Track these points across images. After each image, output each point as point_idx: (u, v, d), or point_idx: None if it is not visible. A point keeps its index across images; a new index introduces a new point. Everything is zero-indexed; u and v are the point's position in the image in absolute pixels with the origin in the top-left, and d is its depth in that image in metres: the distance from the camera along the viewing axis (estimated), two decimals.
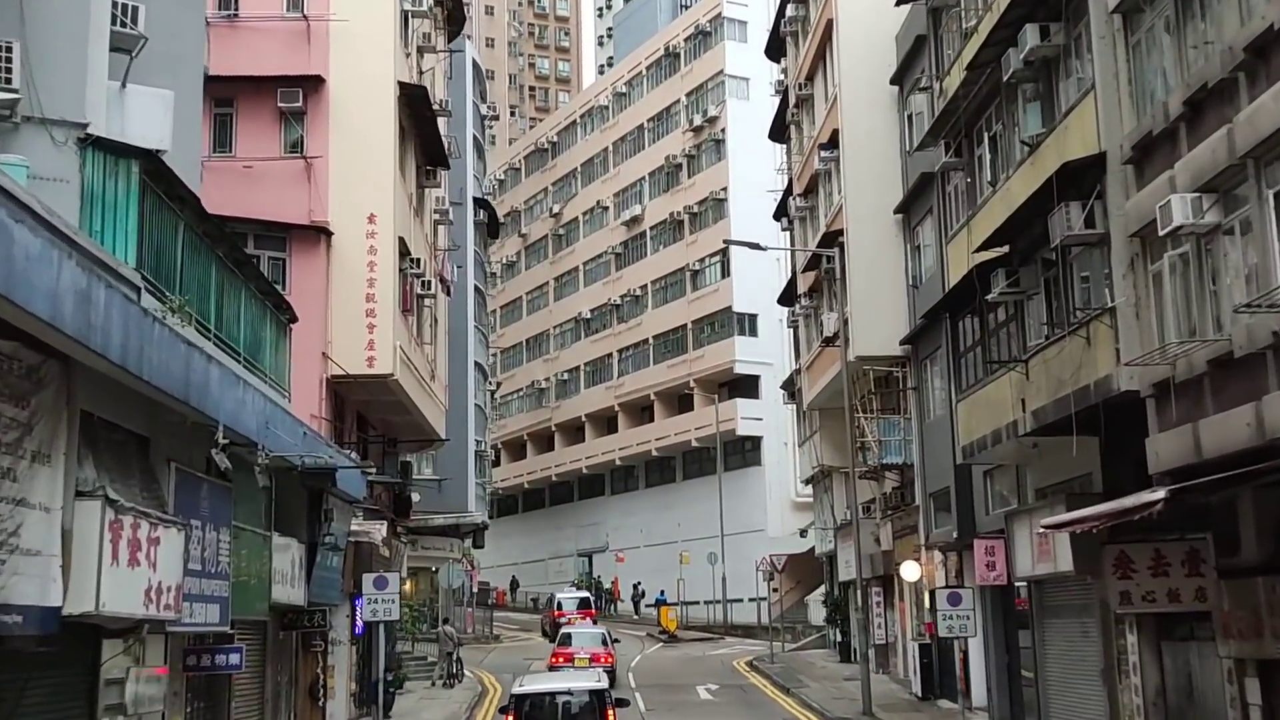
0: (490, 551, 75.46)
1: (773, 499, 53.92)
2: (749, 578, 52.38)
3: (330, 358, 23.87)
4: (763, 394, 54.85)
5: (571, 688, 17.03)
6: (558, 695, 16.62)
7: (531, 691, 16.61)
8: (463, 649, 38.92)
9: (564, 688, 17.11)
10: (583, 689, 16.76)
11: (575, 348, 66.93)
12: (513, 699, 16.47)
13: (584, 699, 16.44)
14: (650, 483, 62.11)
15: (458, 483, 43.59)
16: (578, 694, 16.65)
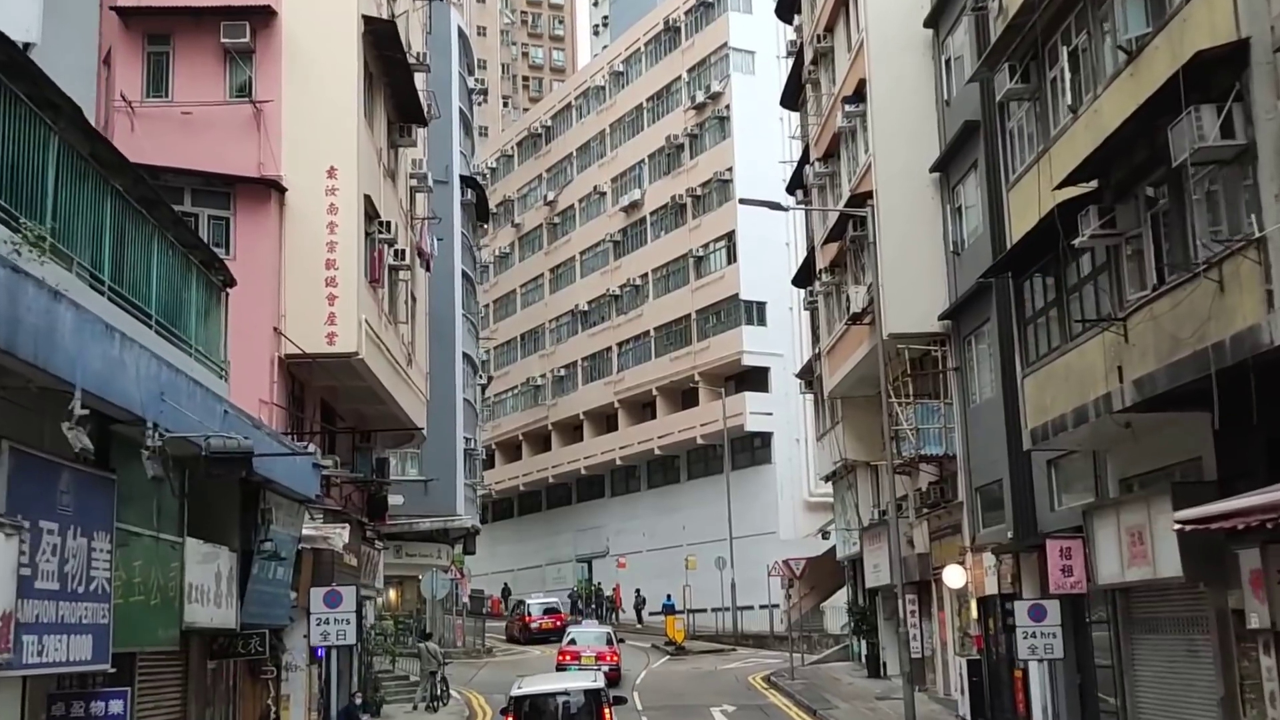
0: (484, 558, 71.97)
1: (784, 499, 50.51)
2: (760, 583, 48.98)
3: (283, 334, 20.47)
4: (773, 387, 51.46)
5: (569, 688, 17.68)
6: (556, 695, 17.22)
7: (530, 693, 17.09)
8: (451, 666, 35.50)
9: (561, 688, 17.76)
10: (579, 689, 17.38)
11: (572, 342, 63.51)
12: (512, 700, 16.86)
13: (581, 699, 16.99)
14: (653, 484, 58.67)
15: (445, 484, 40.20)
16: (575, 694, 17.20)
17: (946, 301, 25.67)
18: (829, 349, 32.20)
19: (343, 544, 18.83)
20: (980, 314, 24.04)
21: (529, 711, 16.81)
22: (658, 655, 40.30)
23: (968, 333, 25.00)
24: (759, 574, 49.04)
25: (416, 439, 29.69)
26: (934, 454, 25.71)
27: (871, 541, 30.93)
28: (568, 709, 16.99)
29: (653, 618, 54.76)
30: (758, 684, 32.09)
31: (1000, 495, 23.36)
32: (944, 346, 26.07)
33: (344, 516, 20.29)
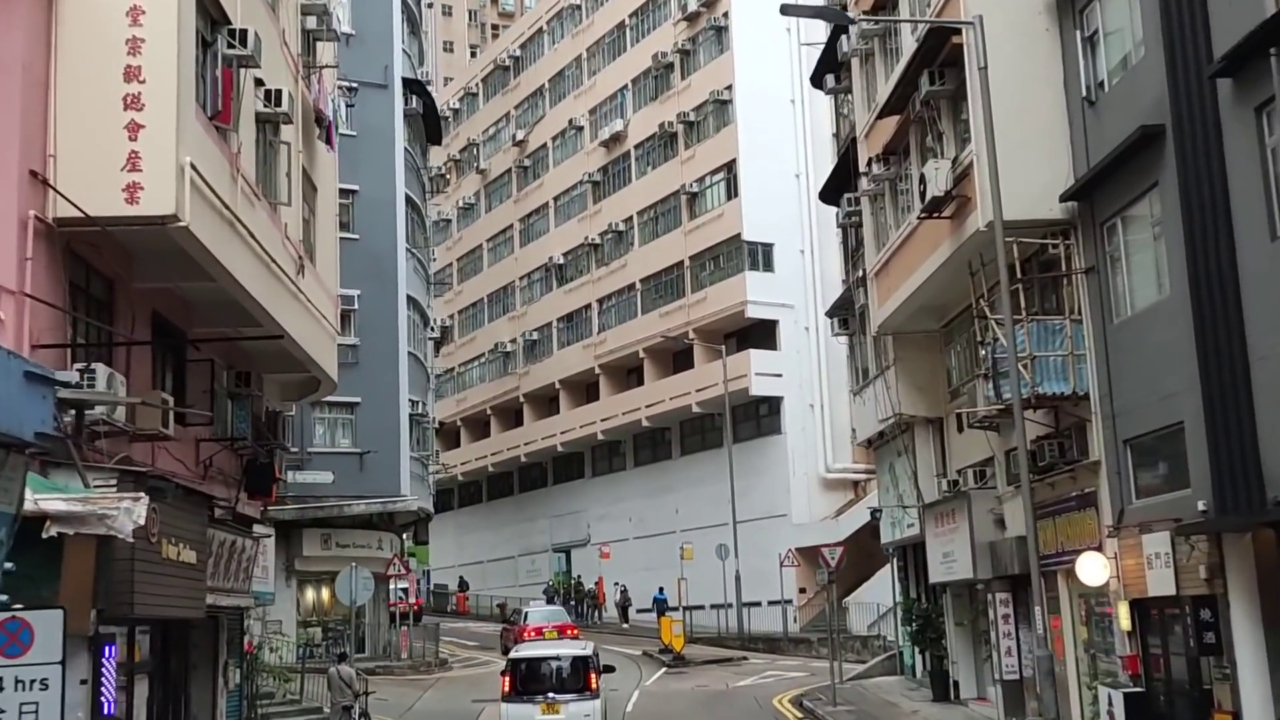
0: (448, 549, 64.11)
1: (797, 476, 42.72)
2: (769, 576, 41.35)
3: (50, 183, 12.46)
4: (782, 343, 43.63)
5: (560, 653, 20.68)
6: (549, 659, 20.15)
7: (527, 656, 20.35)
8: (388, 687, 27.67)
9: (554, 653, 20.80)
10: (570, 655, 20.32)
11: (546, 301, 55.54)
12: (509, 662, 20.06)
13: (571, 663, 19.78)
14: (640, 461, 50.76)
15: (386, 458, 32.34)
16: (566, 659, 20.05)
17: (1070, 175, 17.88)
18: (879, 268, 24.34)
19: (134, 525, 10.86)
20: (1134, 183, 16.26)
21: (525, 672, 19.49)
22: (652, 667, 32.48)
23: (1109, 215, 17.18)
24: (768, 565, 41.46)
25: (323, 388, 21.69)
26: (1057, 393, 17.84)
27: (939, 523, 23.13)
28: (560, 672, 19.58)
29: (642, 616, 47.03)
30: (788, 711, 24.34)
31: (1172, 450, 15.63)
32: (1066, 239, 18.24)
33: (154, 483, 12.37)
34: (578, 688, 19.36)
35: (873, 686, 26.51)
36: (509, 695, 19.31)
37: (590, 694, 19.30)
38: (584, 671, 19.45)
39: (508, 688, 19.36)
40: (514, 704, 19.21)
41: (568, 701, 19.07)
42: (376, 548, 33.10)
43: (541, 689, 19.24)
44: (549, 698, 19.04)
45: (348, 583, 22.52)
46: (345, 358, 32.44)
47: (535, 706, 19.04)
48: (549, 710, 19.02)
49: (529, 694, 19.17)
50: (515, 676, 19.37)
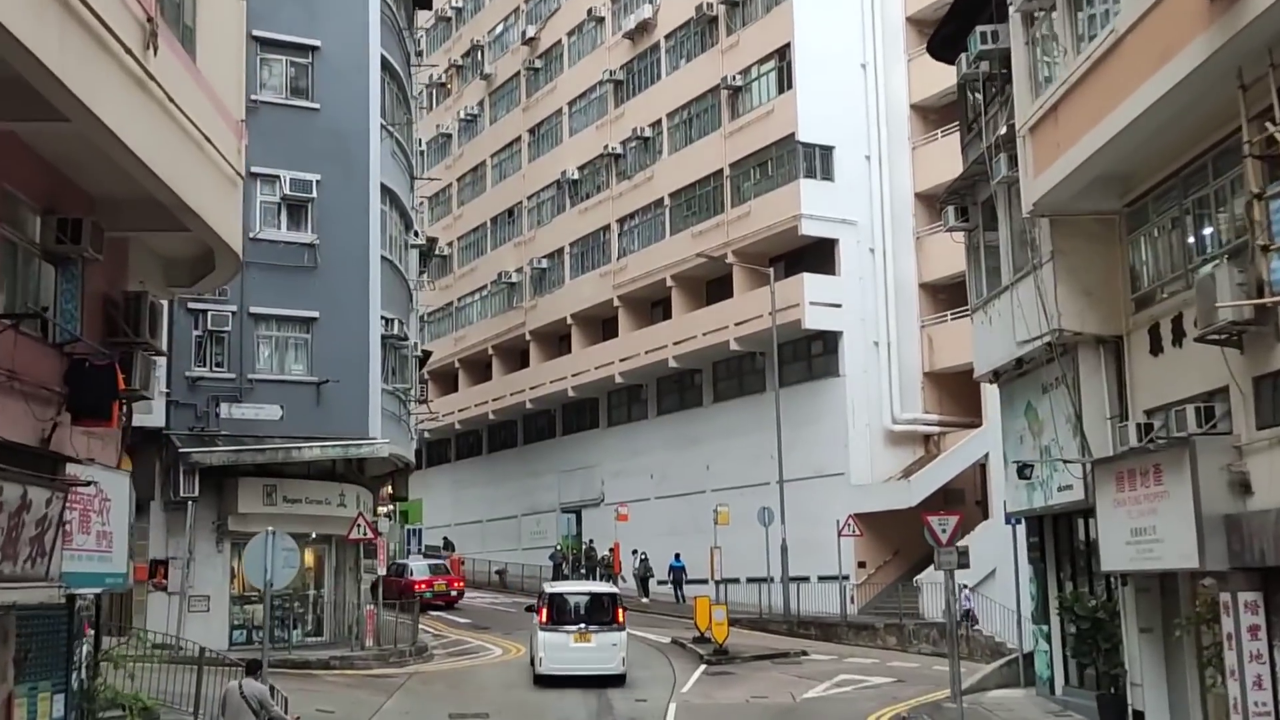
0: (443, 507, 57.17)
1: (857, 428, 35.44)
2: (821, 547, 34.32)
3: None
4: (842, 267, 36.21)
5: (591, 590, 24.23)
6: (580, 595, 23.39)
7: (560, 591, 23.43)
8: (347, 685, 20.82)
9: (585, 590, 24.34)
10: (600, 592, 23.81)
11: (557, 223, 48.14)
12: (544, 595, 22.88)
13: (600, 600, 22.95)
14: (665, 408, 43.51)
15: (352, 391, 25.12)
16: (595, 596, 23.28)
17: None
18: (1039, 118, 16.83)
19: None
20: None
21: (560, 606, 22.52)
22: (687, 662, 25.34)
23: None
24: (819, 533, 34.40)
25: (222, 268, 14.28)
26: None
27: (1126, 485, 15.77)
28: (591, 606, 22.68)
29: (661, 590, 40.08)
30: None
31: None
32: None
33: None
34: (606, 620, 22.36)
35: (998, 705, 19.31)
36: (545, 625, 22.18)
37: (617, 626, 22.39)
38: (612, 607, 22.58)
39: (544, 618, 22.18)
40: (550, 632, 22.05)
41: (598, 631, 22.12)
42: (338, 504, 25.98)
43: (574, 620, 22.21)
44: (581, 628, 22.13)
45: (260, 555, 15.26)
46: (300, 259, 25.26)
47: (569, 635, 22.02)
48: (581, 639, 22.05)
49: (564, 624, 22.14)
50: (551, 609, 22.21)
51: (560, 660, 21.86)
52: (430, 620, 34.11)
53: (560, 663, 21.85)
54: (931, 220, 37.13)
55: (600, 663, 21.89)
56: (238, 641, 24.36)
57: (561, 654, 21.89)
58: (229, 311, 24.51)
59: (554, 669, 21.78)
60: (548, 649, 21.99)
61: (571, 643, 21.88)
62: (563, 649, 21.94)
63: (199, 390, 24.30)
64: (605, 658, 21.98)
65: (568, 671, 21.69)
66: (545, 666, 21.91)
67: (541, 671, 21.95)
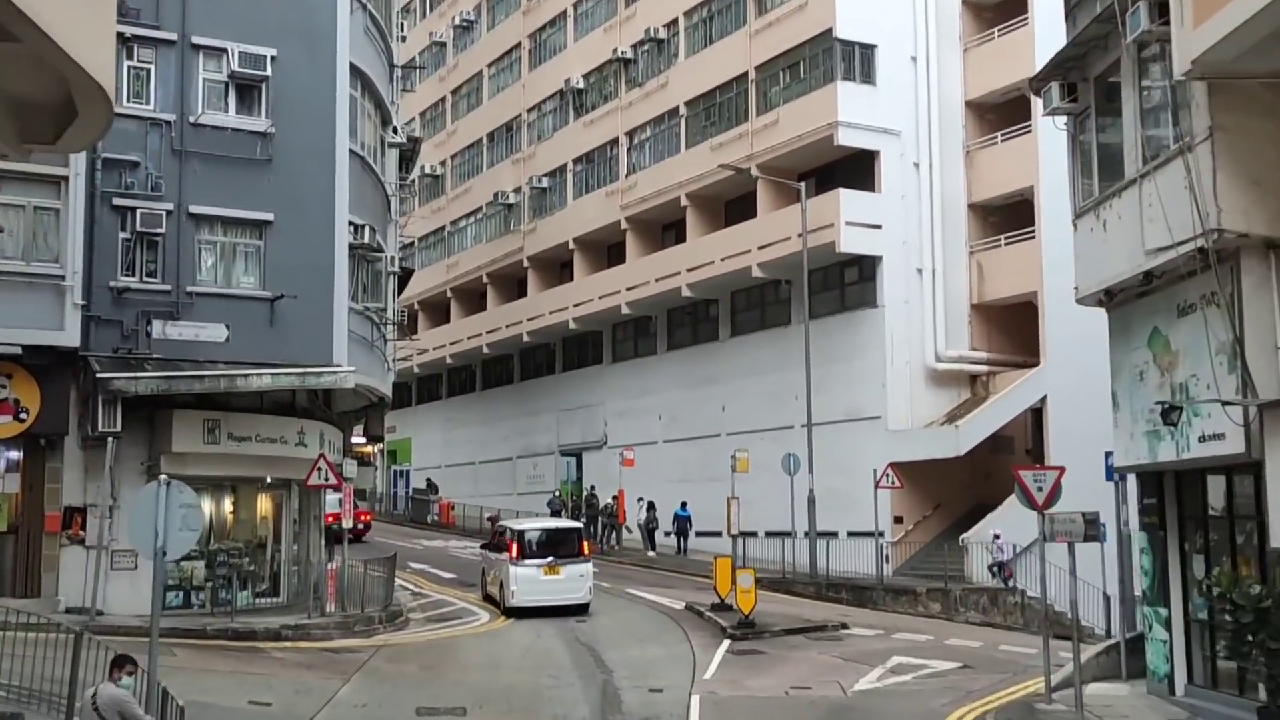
0: (433, 446, 53.35)
1: (896, 365, 31.35)
2: (852, 499, 30.58)
3: None
4: (882, 183, 31.91)
5: (557, 526, 25.21)
6: (547, 530, 24.27)
7: (528, 528, 24.29)
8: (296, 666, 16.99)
9: (552, 526, 25.07)
10: (565, 527, 25.05)
11: (560, 137, 43.76)
12: (512, 532, 23.71)
13: (565, 534, 24.18)
14: (676, 342, 39.41)
15: (312, 310, 20.99)
16: (561, 531, 24.50)
17: None
18: None
19: None
20: None
21: (529, 540, 23.47)
22: (706, 637, 21.40)
23: None
24: (851, 484, 30.66)
25: (91, 119, 9.99)
26: None
27: None
28: (558, 539, 23.76)
29: (668, 543, 36.32)
30: None
31: None
32: None
33: None
34: (572, 554, 23.49)
35: (1106, 709, 15.36)
36: (516, 560, 23.08)
37: (583, 558, 23.61)
38: (577, 541, 23.88)
39: (514, 554, 23.07)
40: (521, 567, 23.04)
41: (565, 564, 23.21)
42: (297, 443, 21.93)
43: (542, 554, 23.24)
44: (550, 561, 23.21)
45: (150, 513, 11.14)
46: (251, 150, 21.05)
47: (538, 569, 23.09)
48: (550, 572, 23.13)
49: (534, 557, 23.19)
50: (521, 545, 23.18)
51: (531, 592, 22.95)
52: (411, 576, 30.28)
53: (531, 594, 22.94)
54: (983, 131, 32.83)
55: (569, 593, 23.13)
56: (173, 605, 20.42)
57: (532, 586, 22.97)
58: (163, 210, 20.33)
59: (525, 600, 22.86)
60: (519, 582, 22.97)
61: (541, 575, 23.13)
62: (533, 582, 23.02)
63: (126, 304, 20.17)
64: (573, 588, 23.23)
65: (538, 603, 22.77)
66: (517, 599, 22.90)
67: (513, 604, 22.89)
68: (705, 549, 35.95)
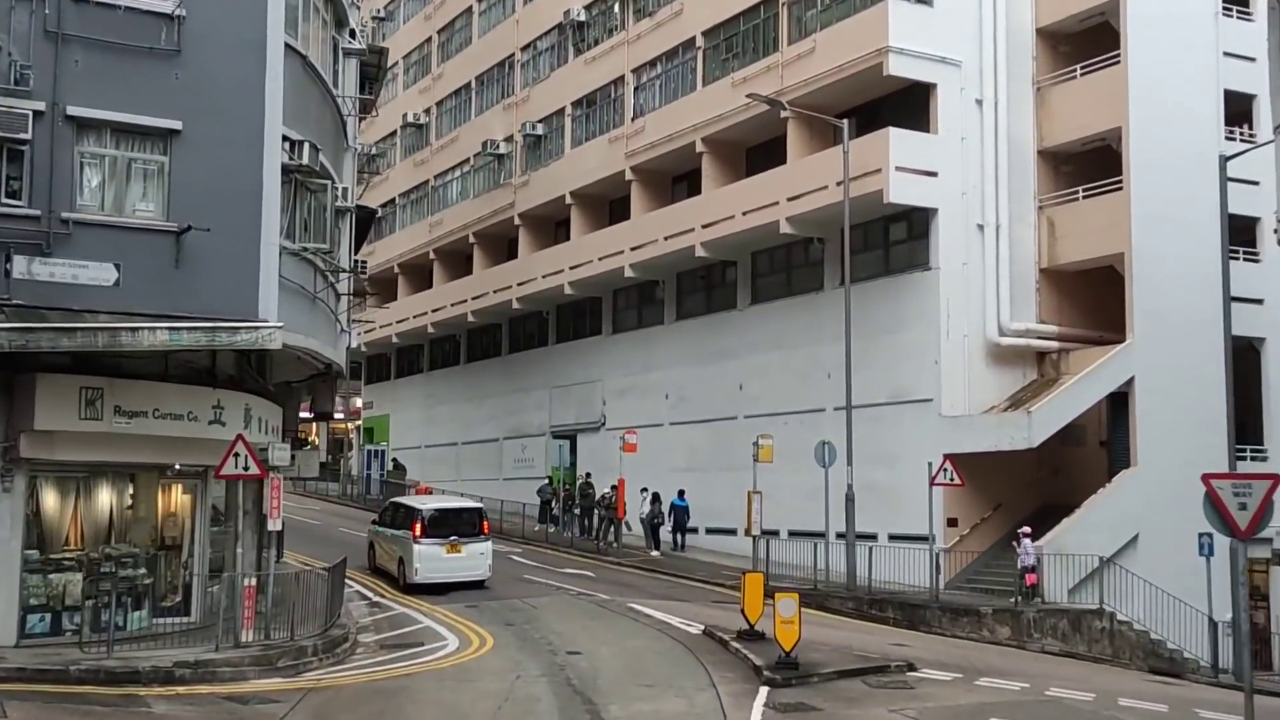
0: (413, 425, 48.52)
1: (951, 339, 26.43)
2: (896, 497, 25.92)
3: None
4: (939, 124, 26.91)
5: (459, 506, 25.58)
6: (449, 510, 24.82)
7: (434, 508, 24.62)
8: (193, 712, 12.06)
9: (455, 506, 25.44)
10: (466, 507, 25.53)
11: (558, 78, 38.71)
12: (418, 513, 24.04)
13: (467, 514, 24.84)
14: (686, 311, 34.44)
15: (230, 247, 15.83)
16: (463, 510, 25.09)
17: None
18: None
19: None
20: None
21: (433, 520, 23.95)
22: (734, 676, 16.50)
23: None
24: (898, 478, 25.95)
25: None
26: None
27: None
28: (460, 518, 24.42)
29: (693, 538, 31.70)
30: None
31: None
32: None
33: None
34: (473, 532, 24.36)
35: None
36: (419, 538, 23.71)
37: (484, 536, 24.57)
38: (478, 520, 24.81)
39: (418, 532, 23.72)
40: (424, 545, 23.71)
41: (467, 542, 24.06)
42: (212, 421, 17.00)
43: (445, 533, 23.98)
44: (453, 539, 23.94)
45: None
46: (153, 36, 16.20)
47: (441, 547, 23.82)
48: (453, 550, 23.92)
49: (436, 536, 23.86)
50: (424, 523, 23.83)
51: (434, 569, 23.69)
52: (372, 579, 25.46)
53: (434, 571, 23.70)
54: (1057, 65, 27.87)
55: (470, 570, 24.03)
56: (36, 632, 15.61)
57: (435, 563, 23.72)
58: (29, 110, 15.37)
59: (429, 577, 23.61)
60: (422, 560, 23.70)
61: (444, 553, 23.78)
62: (436, 559, 23.73)
63: None
64: (474, 565, 24.12)
65: (441, 579, 23.64)
66: (420, 576, 23.64)
67: (416, 580, 23.61)
68: (717, 548, 31.20)
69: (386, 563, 25.48)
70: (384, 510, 27.44)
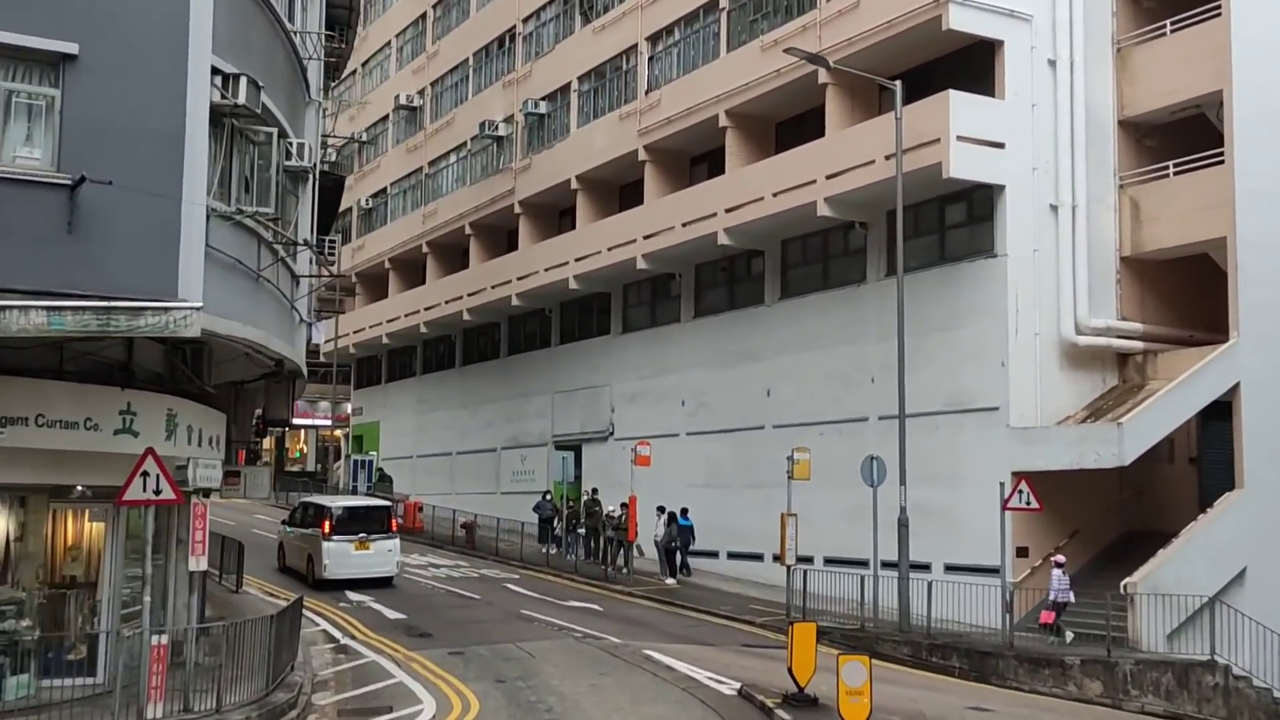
0: (404, 432, 44.89)
1: (1020, 338, 22.64)
2: (954, 521, 22.12)
3: None
4: (1006, 86, 23.16)
5: (366, 504, 26.30)
6: (359, 509, 25.41)
7: (343, 505, 25.31)
8: None
9: (362, 504, 26.18)
10: (374, 505, 26.17)
11: (563, 50, 35.07)
12: (328, 510, 24.75)
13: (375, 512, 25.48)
14: (706, 308, 30.70)
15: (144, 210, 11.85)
16: (371, 509, 25.68)
17: None
18: None
19: None
20: None
21: (342, 518, 24.51)
22: None
23: None
24: (956, 500, 22.20)
25: None
26: None
27: None
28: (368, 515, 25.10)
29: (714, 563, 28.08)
30: None
31: None
32: None
33: None
34: (381, 530, 25.04)
35: None
36: (328, 536, 24.26)
37: (392, 534, 25.19)
38: (386, 518, 25.43)
39: (326, 530, 24.29)
40: (333, 542, 24.26)
41: (375, 539, 24.68)
42: (120, 431, 13.28)
43: (354, 530, 24.53)
44: (361, 537, 24.52)
45: None
46: None
47: (350, 544, 24.39)
48: (361, 547, 24.51)
49: (345, 533, 24.40)
50: (333, 521, 24.34)
51: (343, 566, 24.19)
52: (343, 615, 21.72)
53: (343, 568, 24.17)
54: (1140, 21, 24.17)
55: (378, 566, 24.59)
56: None
57: (344, 560, 24.22)
58: None
59: (337, 574, 24.07)
60: (331, 556, 24.16)
61: (352, 550, 24.30)
62: (345, 556, 24.22)
63: None
64: (382, 562, 24.69)
65: (350, 575, 24.10)
66: (329, 572, 24.09)
67: (325, 576, 24.07)
68: (742, 575, 27.50)
69: (296, 561, 26.16)
70: (294, 509, 28.00)
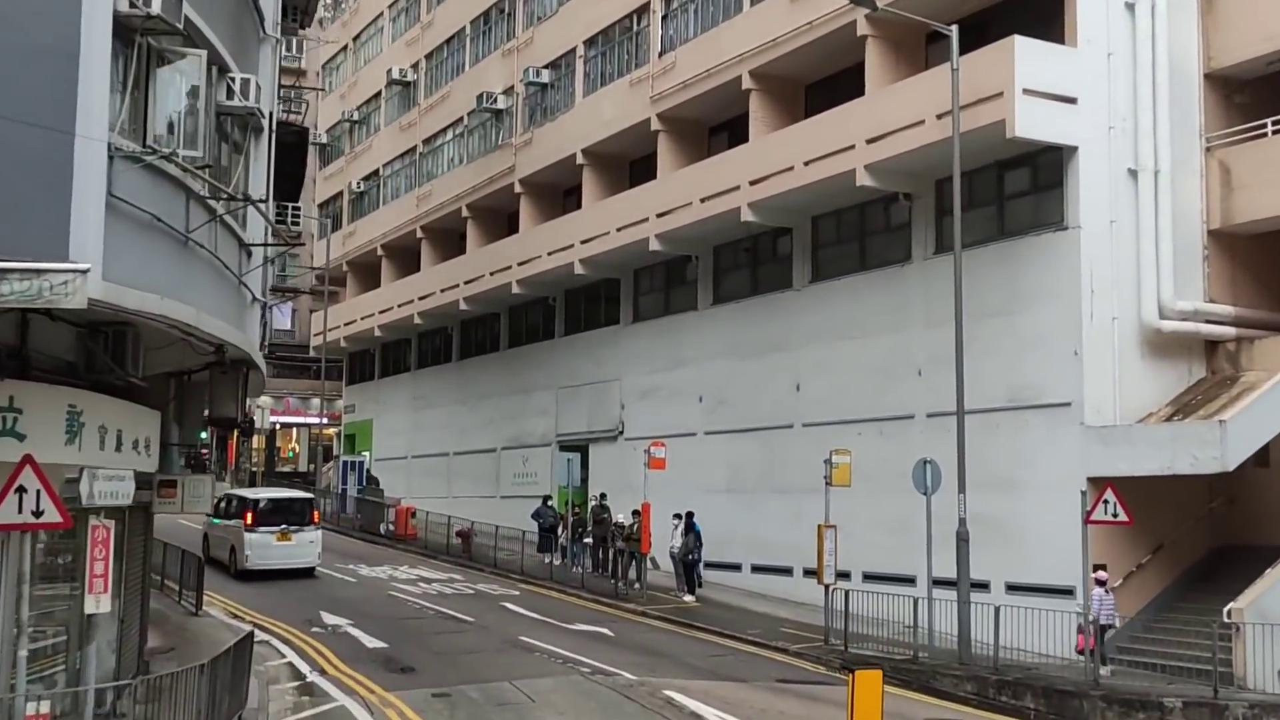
0: (398, 430, 41.96)
1: (1097, 323, 19.58)
2: (1019, 533, 19.06)
3: None
4: (1080, 35, 20.12)
5: (288, 496, 27.14)
6: (281, 501, 26.25)
7: (265, 497, 26.32)
8: None
9: (286, 496, 26.97)
10: (296, 497, 26.96)
11: (566, 12, 32.12)
12: (250, 503, 25.61)
13: (297, 504, 26.19)
14: (727, 293, 27.67)
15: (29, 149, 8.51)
16: (293, 500, 26.47)
17: None
18: None
19: None
20: None
21: (263, 509, 25.47)
22: None
23: None
24: (1020, 508, 19.10)
25: None
26: None
27: None
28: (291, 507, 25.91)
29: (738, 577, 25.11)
30: None
31: None
32: None
33: None
34: (303, 522, 25.75)
35: None
36: (250, 527, 25.01)
37: (313, 526, 25.91)
38: (308, 510, 26.05)
39: (249, 522, 25.02)
40: (255, 534, 25.03)
41: (297, 531, 25.49)
42: (3, 432, 10.30)
43: (275, 522, 25.34)
44: (283, 528, 25.33)
45: None
46: None
47: (272, 535, 25.19)
48: (283, 538, 25.30)
49: (268, 525, 25.18)
50: (255, 512, 25.14)
51: (265, 557, 25.06)
52: (313, 642, 18.77)
53: (265, 559, 25.05)
54: None
55: (300, 557, 25.48)
56: None
57: (266, 551, 25.11)
58: None
59: (259, 565, 24.90)
60: (254, 548, 25.02)
61: (274, 541, 25.20)
62: (267, 547, 25.12)
63: None
64: (303, 553, 25.59)
65: (271, 566, 24.91)
66: (251, 563, 24.93)
67: (247, 567, 24.90)
68: (769, 591, 24.55)
69: (220, 552, 26.54)
70: (218, 501, 27.18)
